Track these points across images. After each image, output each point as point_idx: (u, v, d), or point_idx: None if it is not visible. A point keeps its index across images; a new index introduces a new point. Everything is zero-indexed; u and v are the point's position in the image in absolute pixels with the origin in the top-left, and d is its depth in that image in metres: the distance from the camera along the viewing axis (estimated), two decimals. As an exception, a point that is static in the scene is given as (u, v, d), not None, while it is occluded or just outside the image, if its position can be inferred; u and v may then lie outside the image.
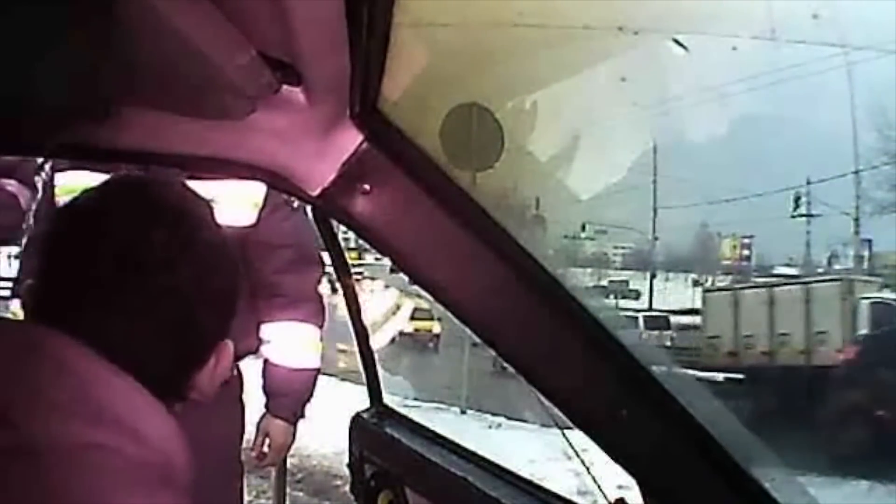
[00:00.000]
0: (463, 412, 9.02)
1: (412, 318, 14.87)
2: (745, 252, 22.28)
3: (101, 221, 0.80)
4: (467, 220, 0.96)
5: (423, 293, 1.05)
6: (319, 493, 5.37)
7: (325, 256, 2.09)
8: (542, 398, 1.01)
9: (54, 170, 2.22)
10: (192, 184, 2.34)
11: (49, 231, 0.82)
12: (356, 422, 1.83)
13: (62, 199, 2.16)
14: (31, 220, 2.47)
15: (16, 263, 2.58)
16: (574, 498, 1.40)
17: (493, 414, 8.90)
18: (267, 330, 2.25)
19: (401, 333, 15.72)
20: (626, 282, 22.83)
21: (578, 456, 1.41)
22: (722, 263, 22.38)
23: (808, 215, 17.75)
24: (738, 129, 16.22)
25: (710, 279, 22.08)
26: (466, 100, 1.05)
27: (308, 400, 2.26)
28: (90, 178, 2.11)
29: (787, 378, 10.44)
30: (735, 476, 0.92)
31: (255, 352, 2.28)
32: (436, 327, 15.67)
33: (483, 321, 1.01)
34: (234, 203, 2.15)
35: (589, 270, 21.35)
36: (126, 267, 0.78)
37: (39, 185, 2.35)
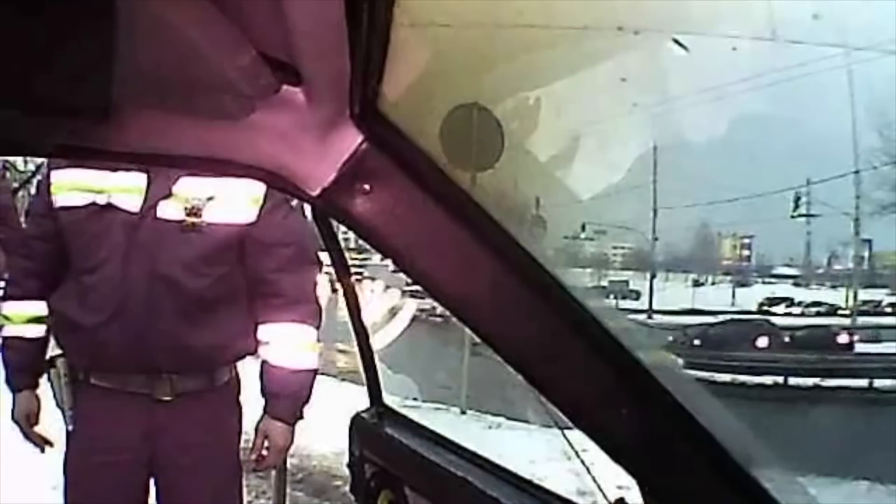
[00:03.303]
0: (463, 412, 9.01)
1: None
2: (745, 252, 22.28)
3: None
4: (467, 220, 0.96)
5: None
6: (319, 493, 5.37)
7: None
8: (542, 398, 1.01)
9: (50, 168, 2.23)
10: (194, 181, 2.35)
11: None
12: (356, 422, 1.84)
13: (57, 196, 2.17)
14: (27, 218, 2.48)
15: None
16: (574, 498, 1.40)
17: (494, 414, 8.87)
18: (265, 331, 2.25)
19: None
20: (626, 282, 22.79)
21: (578, 456, 1.41)
22: (722, 263, 22.36)
23: (808, 215, 17.74)
24: (739, 129, 16.19)
25: (709, 279, 22.09)
26: (466, 100, 1.05)
27: (307, 401, 2.26)
28: (86, 176, 2.13)
29: None
30: (735, 476, 0.92)
31: (254, 353, 2.28)
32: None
33: (482, 321, 1.01)
34: (235, 200, 2.15)
35: (589, 270, 21.32)
36: None
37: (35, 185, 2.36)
